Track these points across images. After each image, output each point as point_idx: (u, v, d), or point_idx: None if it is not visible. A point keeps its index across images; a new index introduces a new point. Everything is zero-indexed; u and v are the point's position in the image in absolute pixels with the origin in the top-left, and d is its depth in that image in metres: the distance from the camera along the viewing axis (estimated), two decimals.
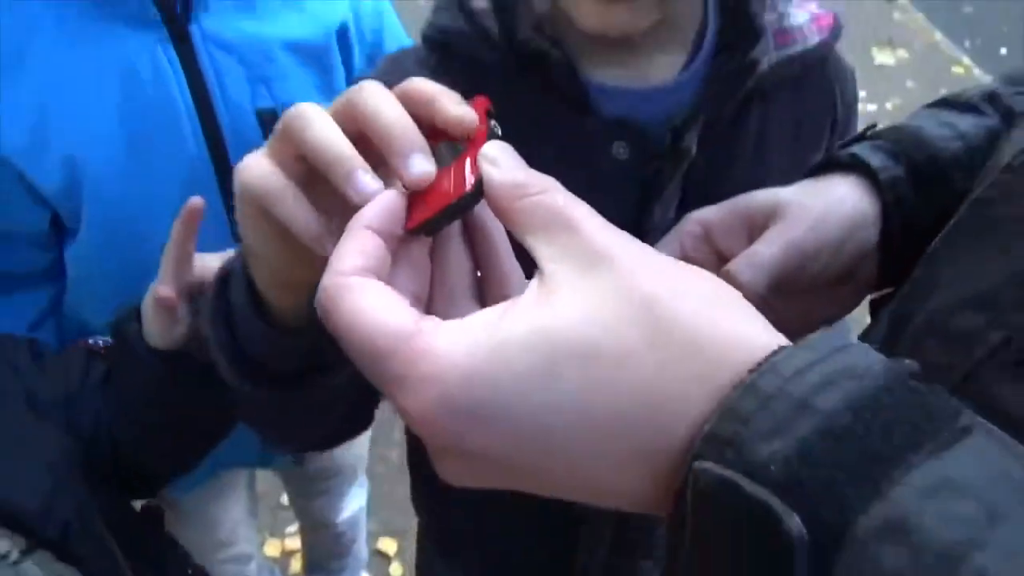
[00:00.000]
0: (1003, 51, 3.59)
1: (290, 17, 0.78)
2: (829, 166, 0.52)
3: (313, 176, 0.35)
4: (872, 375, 0.24)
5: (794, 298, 0.49)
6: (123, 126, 0.73)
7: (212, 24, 0.74)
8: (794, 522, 0.22)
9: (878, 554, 0.22)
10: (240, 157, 0.69)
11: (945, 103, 0.56)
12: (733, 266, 0.47)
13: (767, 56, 0.57)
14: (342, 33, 0.82)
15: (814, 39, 0.60)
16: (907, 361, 0.25)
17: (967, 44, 3.87)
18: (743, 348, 0.26)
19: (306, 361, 0.45)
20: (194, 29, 0.73)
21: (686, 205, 0.55)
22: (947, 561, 0.21)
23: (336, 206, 0.34)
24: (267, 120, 0.77)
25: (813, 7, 0.61)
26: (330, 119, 0.34)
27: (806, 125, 0.61)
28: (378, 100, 0.33)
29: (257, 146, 0.45)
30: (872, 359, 0.25)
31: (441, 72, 0.57)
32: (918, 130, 0.53)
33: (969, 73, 3.34)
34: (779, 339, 0.27)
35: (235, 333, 0.45)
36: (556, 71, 0.55)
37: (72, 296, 0.85)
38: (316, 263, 0.32)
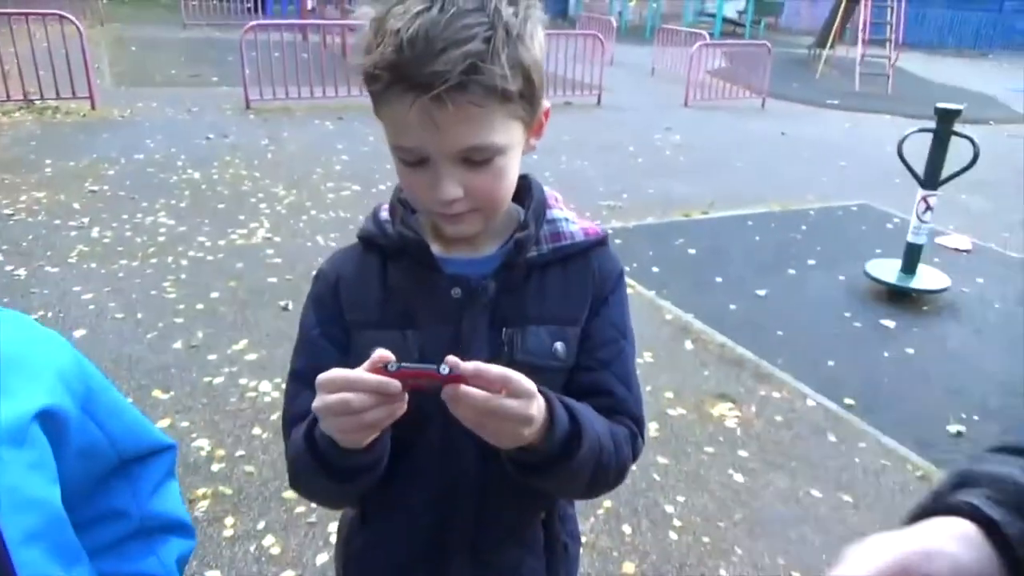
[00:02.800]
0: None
1: None
2: (937, 511, 0.54)
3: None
4: None
5: None
6: None
7: None
8: None
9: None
10: None
11: (1011, 450, 0.59)
12: None
13: (540, 248, 0.98)
14: (47, 414, 0.70)
15: (581, 238, 1.01)
16: None
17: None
18: None
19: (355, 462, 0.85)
20: None
21: (496, 324, 0.95)
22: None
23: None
24: None
25: (587, 223, 1.03)
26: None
27: (572, 287, 0.99)
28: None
29: None
30: None
31: (366, 253, 1.01)
32: (1015, 480, 0.54)
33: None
34: None
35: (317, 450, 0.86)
36: (418, 250, 0.96)
37: None
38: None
